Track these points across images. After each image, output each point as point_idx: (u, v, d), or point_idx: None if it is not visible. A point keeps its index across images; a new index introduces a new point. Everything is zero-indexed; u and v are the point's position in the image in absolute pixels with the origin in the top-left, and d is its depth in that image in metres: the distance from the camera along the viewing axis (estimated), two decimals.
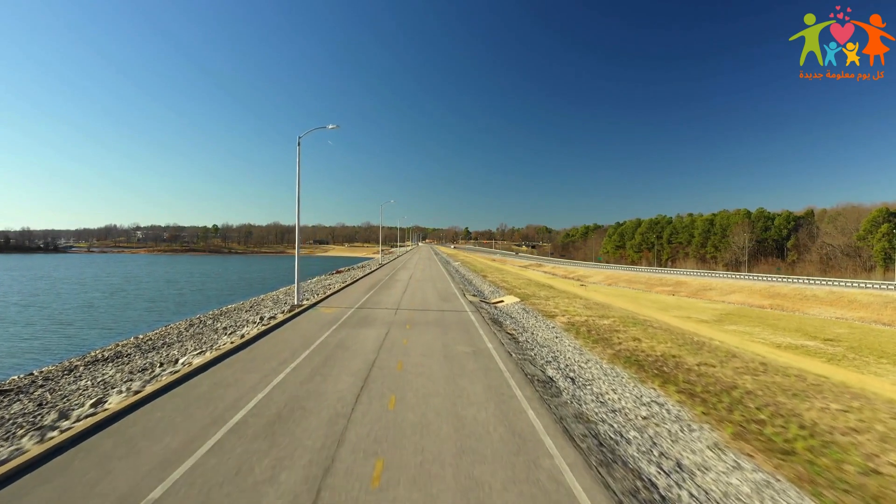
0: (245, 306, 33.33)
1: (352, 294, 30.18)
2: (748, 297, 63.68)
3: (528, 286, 42.83)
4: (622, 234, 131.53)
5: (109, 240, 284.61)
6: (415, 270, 58.10)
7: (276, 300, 32.72)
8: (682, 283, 76.65)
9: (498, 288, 39.28)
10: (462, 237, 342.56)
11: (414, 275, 49.98)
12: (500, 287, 40.34)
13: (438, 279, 43.99)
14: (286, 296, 35.59)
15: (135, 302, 49.81)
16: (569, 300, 33.17)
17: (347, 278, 47.02)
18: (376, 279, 43.69)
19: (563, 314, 23.75)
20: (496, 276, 56.36)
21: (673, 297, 64.75)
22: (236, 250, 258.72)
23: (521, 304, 27.44)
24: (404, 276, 47.25)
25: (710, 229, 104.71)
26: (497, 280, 48.85)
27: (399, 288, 34.22)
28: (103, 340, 25.72)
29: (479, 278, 51.33)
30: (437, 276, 47.69)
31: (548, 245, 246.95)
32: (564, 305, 29.18)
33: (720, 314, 46.15)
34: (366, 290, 32.88)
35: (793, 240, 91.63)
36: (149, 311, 41.91)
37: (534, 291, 37.20)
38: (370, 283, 39.84)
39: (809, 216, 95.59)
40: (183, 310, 41.62)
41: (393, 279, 43.67)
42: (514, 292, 35.23)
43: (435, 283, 39.88)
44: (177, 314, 38.35)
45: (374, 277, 46.24)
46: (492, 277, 52.35)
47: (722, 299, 64.27)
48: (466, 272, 61.85)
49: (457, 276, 50.31)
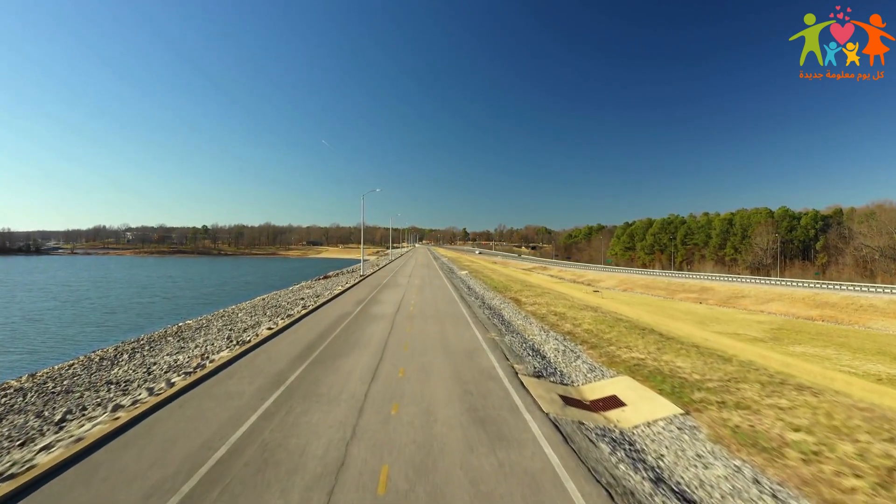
0: (192, 327, 25.69)
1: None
2: (790, 306, 56.51)
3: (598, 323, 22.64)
4: (632, 235, 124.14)
5: (98, 241, 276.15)
6: (408, 290, 37.09)
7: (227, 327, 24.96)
8: (707, 288, 69.58)
9: (575, 342, 17.80)
10: (460, 238, 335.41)
11: (407, 297, 31.39)
12: (577, 339, 18.42)
13: (448, 315, 22.95)
14: (250, 316, 27.80)
15: (87, 314, 42.79)
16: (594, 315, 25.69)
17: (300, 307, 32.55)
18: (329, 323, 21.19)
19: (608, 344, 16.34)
20: (539, 301, 30.70)
21: (703, 307, 57.70)
22: (226, 252, 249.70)
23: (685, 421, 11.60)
24: (390, 301, 28.99)
25: (728, 229, 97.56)
26: (552, 317, 24.21)
27: (373, 345, 16.15)
28: None
29: (510, 307, 28.00)
30: (445, 309, 25.42)
31: (548, 246, 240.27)
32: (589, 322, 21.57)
33: (771, 329, 38.83)
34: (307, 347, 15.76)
35: (822, 241, 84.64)
36: (94, 329, 34.56)
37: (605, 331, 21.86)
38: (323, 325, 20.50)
39: (838, 215, 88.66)
40: (137, 325, 35.37)
41: (363, 319, 22.20)
42: (619, 363, 15.05)
43: (445, 334, 18.17)
44: (113, 335, 30.95)
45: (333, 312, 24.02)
46: (540, 308, 27.53)
47: (759, 309, 57.14)
48: (483, 290, 40.24)
49: (474, 302, 29.64)
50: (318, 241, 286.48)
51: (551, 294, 39.01)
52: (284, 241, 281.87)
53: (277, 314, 25.26)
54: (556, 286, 63.24)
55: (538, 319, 23.13)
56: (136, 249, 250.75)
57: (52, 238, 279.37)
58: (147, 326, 33.87)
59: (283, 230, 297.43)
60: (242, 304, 40.87)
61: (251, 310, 32.08)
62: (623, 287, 79.83)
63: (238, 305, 40.43)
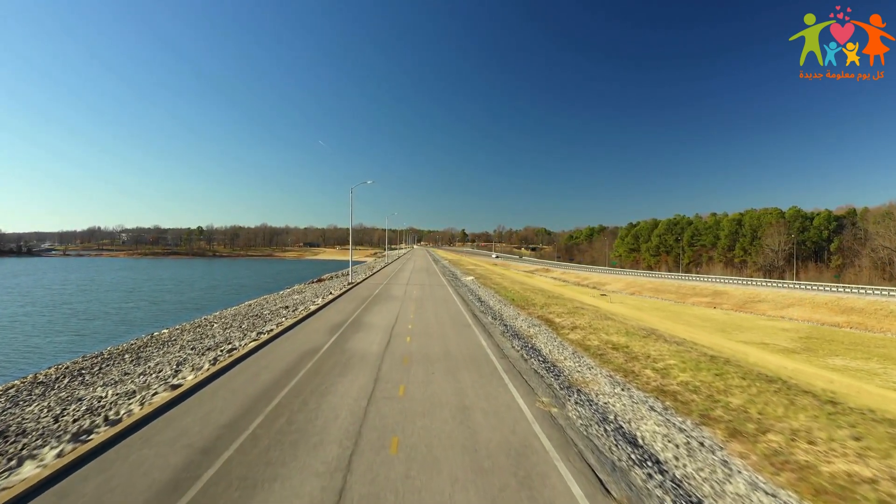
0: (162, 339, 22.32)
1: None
2: (812, 311, 53.21)
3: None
4: (636, 236, 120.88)
5: (93, 242, 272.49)
6: (405, 305, 27.58)
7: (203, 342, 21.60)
8: (721, 292, 66.30)
9: (686, 415, 9.69)
10: (459, 239, 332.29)
11: (403, 318, 22.48)
12: (683, 404, 10.54)
13: (464, 355, 14.68)
14: (234, 326, 24.43)
15: (62, 321, 40.03)
16: (608, 324, 22.20)
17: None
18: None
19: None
20: (579, 323, 21.87)
21: (719, 312, 54.55)
22: (221, 253, 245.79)
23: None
24: (379, 325, 20.44)
25: (738, 230, 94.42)
26: (612, 353, 16.00)
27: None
28: None
29: (544, 332, 19.62)
30: (457, 342, 16.87)
31: (548, 247, 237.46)
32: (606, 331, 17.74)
33: (800, 338, 35.55)
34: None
35: (836, 242, 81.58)
36: (63, 339, 31.51)
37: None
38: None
39: (852, 215, 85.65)
40: (110, 334, 32.90)
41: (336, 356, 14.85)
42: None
43: (464, 402, 10.08)
44: (78, 347, 28.09)
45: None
46: (588, 337, 18.71)
47: (779, 314, 53.84)
48: (497, 303, 30.21)
49: (492, 324, 21.07)
50: (315, 243, 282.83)
51: (588, 311, 28.24)
52: (281, 243, 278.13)
53: (254, 326, 22.46)
54: (564, 290, 59.88)
55: (595, 358, 14.87)
56: (129, 251, 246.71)
57: (47, 240, 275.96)
58: (119, 336, 31.22)
59: (280, 231, 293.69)
60: (227, 311, 38.17)
61: (232, 319, 29.53)
62: (631, 290, 76.56)
63: (222, 312, 38.00)
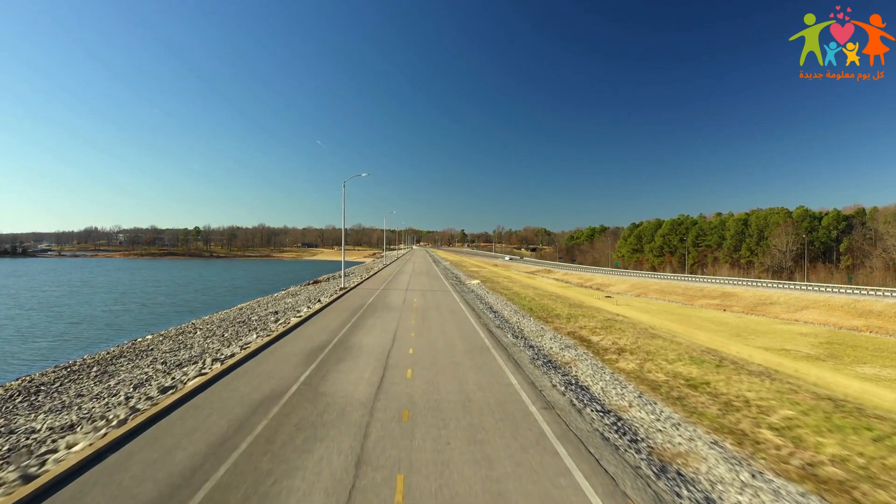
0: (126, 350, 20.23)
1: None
2: (828, 314, 51.09)
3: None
4: (639, 237, 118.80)
5: (90, 243, 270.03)
6: (403, 317, 22.37)
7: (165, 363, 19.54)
8: (729, 294, 64.24)
9: None
10: (458, 240, 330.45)
11: (401, 338, 17.23)
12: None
13: (490, 405, 9.74)
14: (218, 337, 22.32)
15: (47, 325, 38.39)
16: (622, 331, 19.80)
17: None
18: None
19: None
20: (624, 343, 17.08)
21: (730, 315, 52.44)
22: (218, 254, 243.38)
23: None
24: (371, 349, 15.11)
25: (744, 230, 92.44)
26: (686, 390, 11.25)
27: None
28: None
29: (583, 357, 14.64)
30: (475, 380, 11.56)
31: (548, 248, 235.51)
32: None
33: (821, 343, 33.36)
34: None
35: (846, 242, 79.67)
36: (42, 345, 29.47)
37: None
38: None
39: (861, 215, 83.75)
40: (93, 340, 31.42)
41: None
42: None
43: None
44: (55, 355, 26.15)
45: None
46: (647, 367, 13.48)
47: (793, 317, 51.71)
48: (513, 313, 25.18)
49: (514, 346, 16.06)
50: (312, 244, 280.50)
51: (626, 325, 22.15)
52: (279, 243, 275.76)
53: (237, 335, 20.54)
54: (567, 291, 57.76)
55: (674, 405, 10.16)
56: (125, 251, 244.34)
57: (44, 240, 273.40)
58: (99, 343, 29.56)
59: (278, 232, 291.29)
60: (216, 315, 36.58)
61: (218, 325, 27.80)
62: (636, 292, 74.56)
63: (212, 316, 36.52)
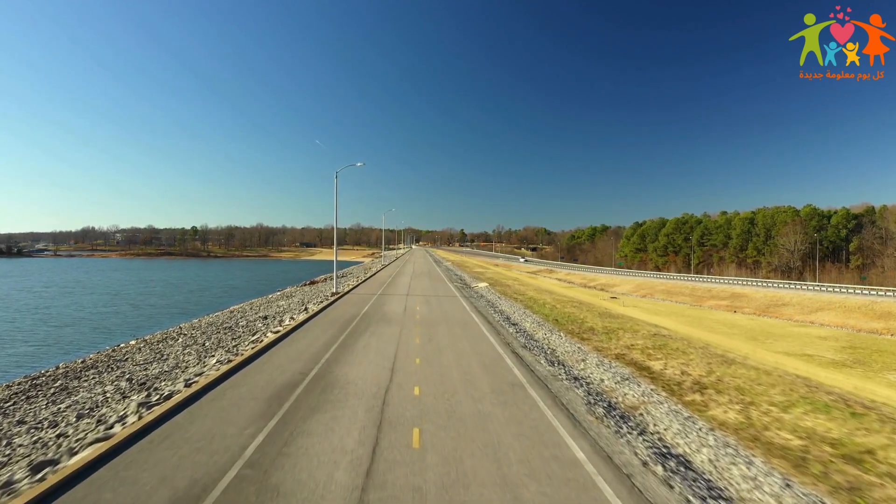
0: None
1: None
2: (845, 316, 49.05)
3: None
4: (643, 236, 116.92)
5: (87, 242, 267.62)
6: (404, 336, 17.46)
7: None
8: (739, 295, 62.26)
9: None
10: (458, 240, 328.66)
11: (401, 369, 12.44)
12: None
13: None
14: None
15: (30, 329, 36.72)
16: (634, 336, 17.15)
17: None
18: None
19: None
20: (696, 374, 12.68)
21: (742, 317, 50.37)
22: (215, 254, 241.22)
23: None
24: (360, 398, 9.88)
25: (750, 229, 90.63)
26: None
27: None
28: None
29: (656, 399, 10.22)
30: (537, 478, 6.21)
31: (548, 248, 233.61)
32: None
33: (843, 348, 31.30)
34: None
35: (855, 241, 77.89)
36: (20, 350, 27.61)
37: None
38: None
39: (870, 213, 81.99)
40: (75, 345, 29.96)
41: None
42: None
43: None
44: (32, 362, 24.46)
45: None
46: (763, 419, 9.12)
47: (808, 319, 49.67)
48: (535, 325, 21.09)
49: (551, 376, 12.09)
50: (311, 243, 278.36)
51: (684, 345, 17.60)
52: (277, 243, 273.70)
53: (219, 344, 18.70)
54: (568, 291, 55.76)
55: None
56: (122, 251, 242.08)
57: (41, 240, 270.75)
58: (80, 349, 28.04)
59: (276, 231, 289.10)
60: (205, 319, 34.84)
61: (203, 331, 25.88)
62: (641, 292, 72.65)
63: (201, 319, 34.90)
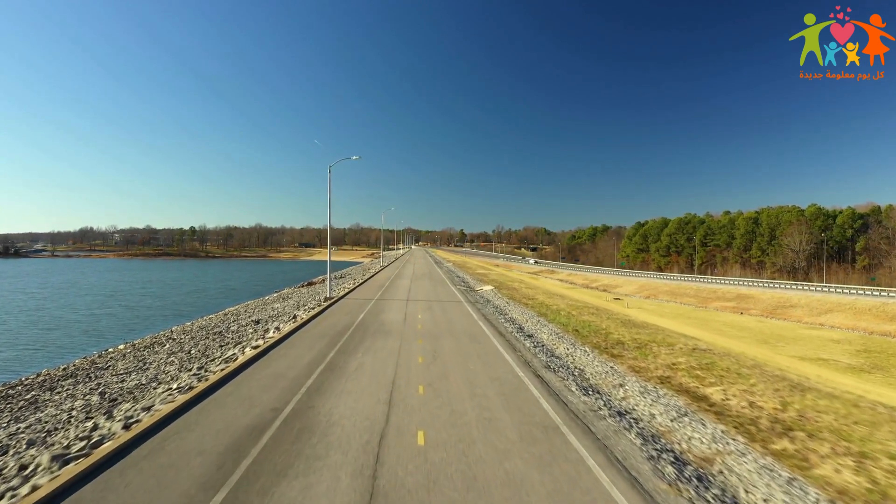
0: None
1: None
2: (855, 319, 47.79)
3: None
4: (645, 236, 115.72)
5: (85, 243, 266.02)
6: (404, 354, 14.01)
7: None
8: (745, 296, 61.03)
9: None
10: (458, 240, 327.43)
11: (401, 405, 9.31)
12: None
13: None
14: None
15: (17, 332, 35.52)
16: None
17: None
18: None
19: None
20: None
21: (750, 319, 49.09)
22: (214, 254, 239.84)
23: None
24: (348, 427, 8.10)
25: (755, 229, 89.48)
26: None
27: None
28: None
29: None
30: None
31: (549, 248, 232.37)
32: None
33: (857, 351, 30.06)
34: None
35: (862, 241, 76.73)
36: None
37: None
38: None
39: (876, 213, 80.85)
40: (60, 349, 29.02)
41: None
42: None
43: None
44: (10, 368, 23.42)
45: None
46: None
47: (817, 321, 48.42)
48: (556, 338, 17.41)
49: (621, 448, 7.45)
50: (310, 244, 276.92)
51: (735, 364, 14.71)
52: (276, 243, 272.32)
53: (205, 352, 17.53)
54: (576, 293, 54.42)
55: None
56: (119, 252, 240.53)
57: (39, 240, 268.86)
58: (67, 354, 27.04)
59: (275, 232, 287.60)
60: (196, 322, 33.99)
61: (192, 336, 24.84)
62: (645, 293, 71.47)
63: (193, 323, 34.28)
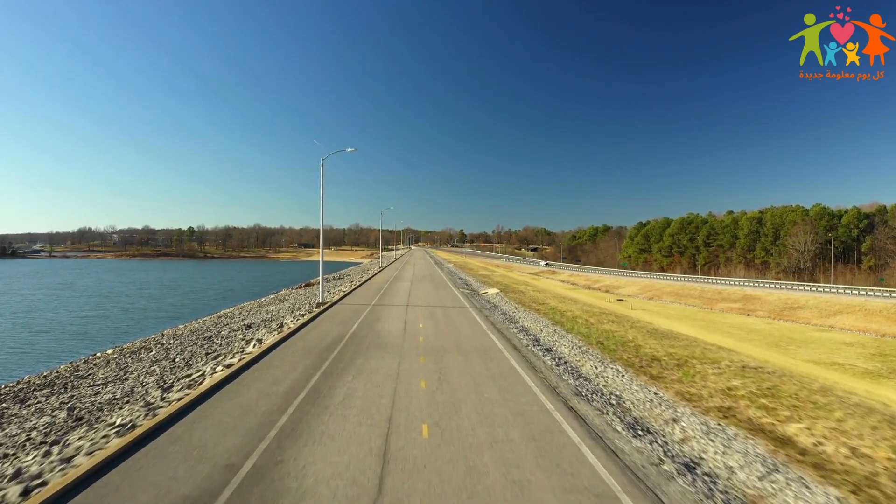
0: None
1: None
2: (866, 320, 46.67)
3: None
4: (647, 236, 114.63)
5: (83, 243, 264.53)
6: (405, 364, 12.64)
7: None
8: (751, 297, 59.94)
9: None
10: (457, 240, 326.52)
11: (395, 456, 6.80)
12: None
13: None
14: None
15: (7, 334, 34.98)
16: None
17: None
18: None
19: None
20: None
21: (758, 321, 48.00)
22: (212, 255, 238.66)
23: None
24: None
25: (758, 229, 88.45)
26: None
27: None
28: None
29: None
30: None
31: (549, 248, 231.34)
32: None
33: (873, 355, 28.94)
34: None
35: (868, 241, 75.70)
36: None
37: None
38: None
39: (882, 213, 79.84)
40: (48, 355, 27.95)
41: None
42: None
43: None
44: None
45: None
46: None
47: (827, 323, 47.30)
48: (582, 358, 14.24)
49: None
50: (309, 244, 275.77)
51: (807, 391, 11.77)
52: (275, 244, 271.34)
53: (189, 360, 16.41)
54: (580, 295, 53.29)
55: None
56: (118, 252, 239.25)
57: (38, 241, 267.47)
58: (53, 358, 26.31)
59: (274, 232, 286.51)
60: (188, 326, 33.24)
61: (180, 341, 23.89)
62: (648, 294, 70.40)
63: (186, 325, 33.77)
